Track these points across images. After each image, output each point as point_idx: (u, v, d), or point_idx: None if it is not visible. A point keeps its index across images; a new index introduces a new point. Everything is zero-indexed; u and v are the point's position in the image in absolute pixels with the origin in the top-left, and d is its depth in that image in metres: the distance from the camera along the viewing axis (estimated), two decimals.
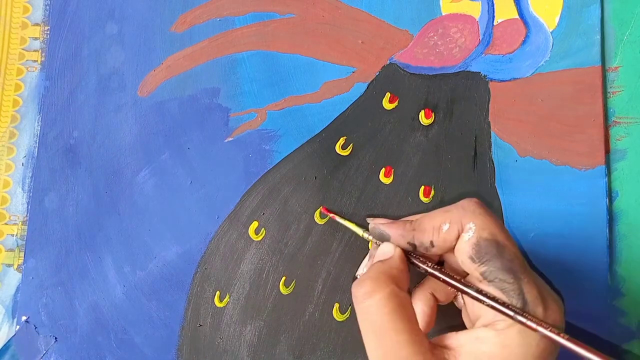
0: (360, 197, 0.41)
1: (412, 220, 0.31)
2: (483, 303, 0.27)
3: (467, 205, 0.29)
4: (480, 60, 0.42)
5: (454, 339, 0.28)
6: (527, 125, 0.41)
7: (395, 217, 0.35)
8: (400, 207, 0.40)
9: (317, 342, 0.39)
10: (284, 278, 0.40)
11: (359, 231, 0.37)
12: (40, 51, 0.44)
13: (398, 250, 0.31)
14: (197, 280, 0.41)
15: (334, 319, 0.40)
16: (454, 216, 0.29)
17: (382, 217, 0.38)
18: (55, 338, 0.40)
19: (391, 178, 0.41)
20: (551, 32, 0.42)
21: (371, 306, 0.27)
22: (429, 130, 0.41)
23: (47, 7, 0.45)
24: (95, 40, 0.44)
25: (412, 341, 0.26)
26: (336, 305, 0.40)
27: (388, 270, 0.29)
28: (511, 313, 0.26)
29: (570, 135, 0.41)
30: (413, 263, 0.31)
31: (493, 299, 0.27)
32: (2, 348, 0.40)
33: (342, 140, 0.41)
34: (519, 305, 0.26)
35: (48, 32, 0.44)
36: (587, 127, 0.41)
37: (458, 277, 0.29)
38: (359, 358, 0.39)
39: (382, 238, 0.33)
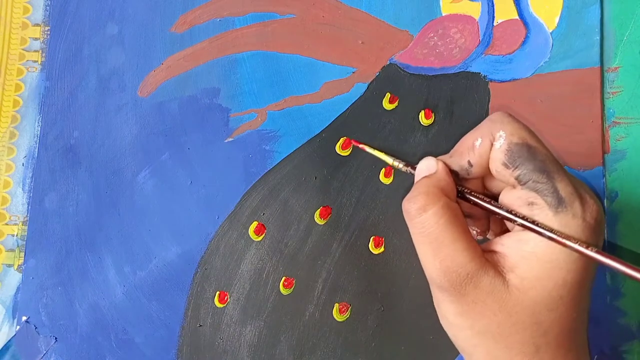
0: (360, 198, 0.41)
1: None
2: (527, 228, 0.28)
3: (496, 117, 0.30)
4: (480, 60, 0.42)
5: (499, 243, 0.29)
6: None
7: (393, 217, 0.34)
8: (400, 208, 0.40)
9: (317, 342, 0.39)
10: (284, 278, 0.40)
11: (389, 160, 0.35)
12: (40, 51, 0.44)
13: (441, 164, 0.31)
14: (197, 281, 0.41)
15: (334, 319, 0.40)
16: (484, 130, 0.29)
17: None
18: (55, 338, 0.40)
19: (391, 178, 0.41)
20: (551, 33, 0.42)
21: (426, 219, 0.28)
22: (429, 130, 0.41)
23: (48, 7, 0.45)
24: (96, 41, 0.44)
25: (467, 248, 0.28)
26: (336, 306, 0.40)
27: (437, 183, 0.30)
28: (553, 236, 0.26)
29: (569, 136, 0.41)
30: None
31: (534, 222, 0.27)
32: (2, 348, 0.40)
33: (342, 141, 0.42)
34: (554, 203, 0.27)
35: (48, 32, 0.44)
36: (586, 128, 0.41)
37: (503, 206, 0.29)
38: (359, 358, 0.39)
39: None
